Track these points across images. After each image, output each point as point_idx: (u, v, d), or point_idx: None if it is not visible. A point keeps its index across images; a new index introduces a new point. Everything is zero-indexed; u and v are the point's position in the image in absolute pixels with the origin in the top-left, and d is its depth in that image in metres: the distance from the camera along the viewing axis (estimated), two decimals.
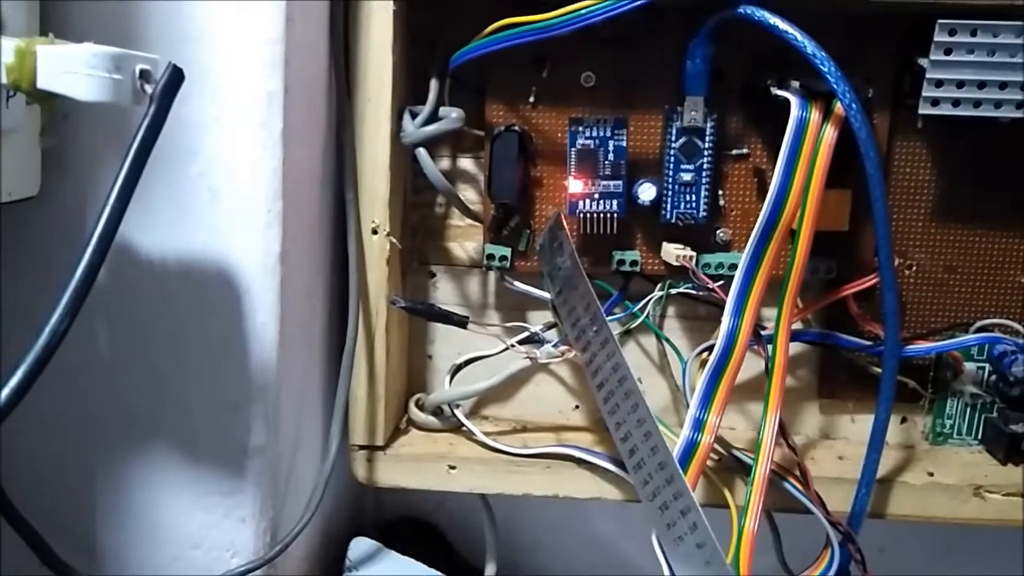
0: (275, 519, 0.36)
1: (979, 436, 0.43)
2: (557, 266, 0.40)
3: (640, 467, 0.35)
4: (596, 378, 0.37)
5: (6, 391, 0.22)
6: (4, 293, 0.33)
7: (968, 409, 0.43)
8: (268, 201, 0.33)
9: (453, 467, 0.42)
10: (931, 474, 0.41)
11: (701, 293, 0.41)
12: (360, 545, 0.43)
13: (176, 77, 0.26)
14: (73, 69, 0.25)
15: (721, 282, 0.40)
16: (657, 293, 0.42)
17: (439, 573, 0.43)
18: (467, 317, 0.42)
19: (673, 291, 0.42)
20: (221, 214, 0.33)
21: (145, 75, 0.26)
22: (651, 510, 0.35)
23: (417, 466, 0.42)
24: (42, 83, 0.25)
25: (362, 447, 0.42)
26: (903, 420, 0.44)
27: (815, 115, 0.36)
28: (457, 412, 0.44)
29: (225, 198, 0.33)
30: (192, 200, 0.33)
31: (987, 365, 0.42)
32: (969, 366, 0.42)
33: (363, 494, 0.50)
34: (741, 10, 0.35)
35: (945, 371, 0.43)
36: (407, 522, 0.51)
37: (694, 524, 0.33)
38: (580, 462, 0.41)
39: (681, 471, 0.34)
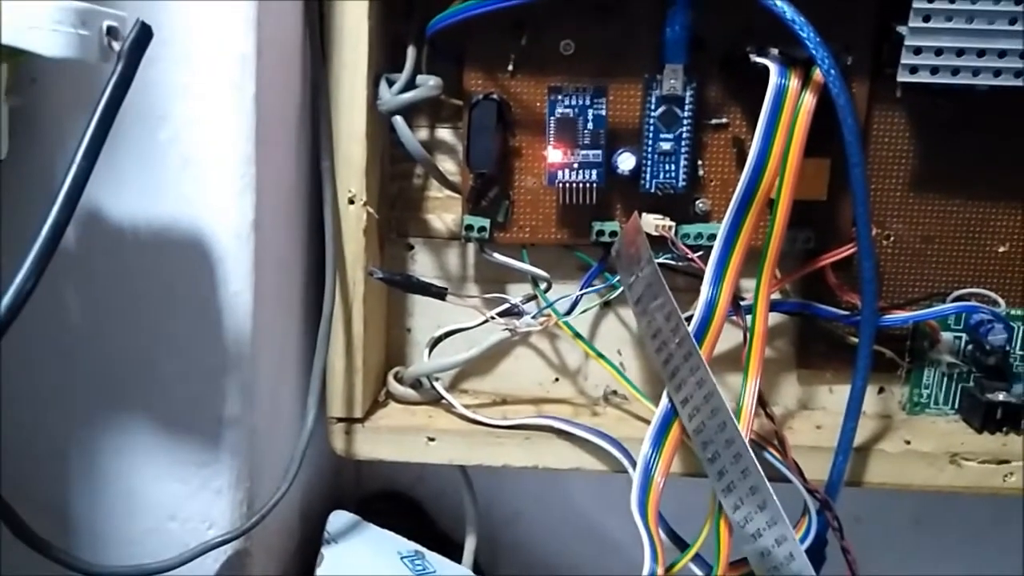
0: (252, 490, 0.36)
1: (956, 405, 0.44)
2: (634, 273, 0.39)
3: (730, 491, 0.34)
4: (680, 393, 0.35)
5: None
6: None
7: (945, 379, 0.43)
8: (241, 166, 0.33)
9: (432, 439, 0.42)
10: (908, 442, 0.42)
11: (680, 264, 0.41)
12: (339, 518, 0.43)
13: (144, 34, 0.26)
14: (38, 24, 0.24)
15: (700, 252, 0.40)
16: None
17: (419, 546, 0.43)
18: (446, 289, 0.41)
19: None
20: (193, 180, 0.33)
21: (112, 32, 0.26)
22: (738, 533, 0.34)
23: (396, 438, 0.42)
24: (6, 38, 0.24)
25: (340, 419, 0.41)
26: (880, 390, 0.44)
27: (794, 82, 0.35)
28: (436, 385, 0.43)
29: (197, 164, 0.32)
30: (163, 166, 0.32)
31: (964, 334, 0.43)
32: (946, 336, 0.43)
33: (342, 468, 0.50)
34: None
35: (922, 341, 0.43)
36: (386, 496, 0.51)
37: (787, 548, 0.33)
38: (560, 433, 0.41)
39: (775, 499, 0.33)
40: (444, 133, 0.43)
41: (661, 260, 0.41)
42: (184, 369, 0.34)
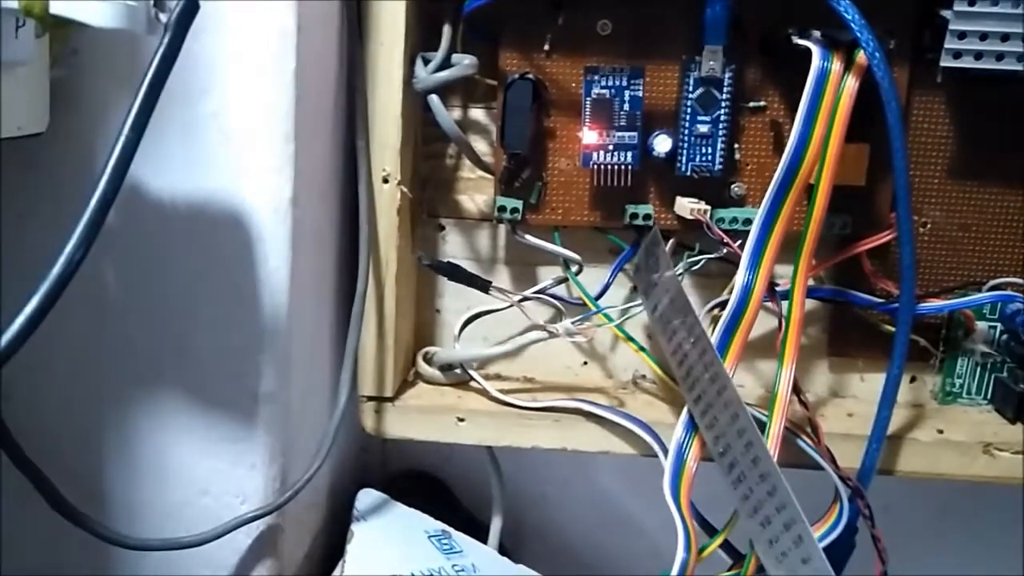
0: (284, 466, 0.36)
1: (989, 395, 0.43)
2: (653, 282, 0.39)
3: (740, 481, 0.34)
4: (693, 391, 0.36)
5: (20, 319, 0.21)
6: (9, 231, 0.33)
7: (978, 368, 0.43)
8: (280, 143, 0.33)
9: (462, 419, 0.42)
10: (940, 431, 0.41)
11: (720, 253, 0.40)
12: (368, 496, 0.43)
13: (191, 6, 0.25)
14: None
15: (740, 242, 0.39)
16: (679, 267, 0.41)
17: (445, 526, 0.43)
18: (489, 282, 0.41)
19: (695, 265, 0.41)
20: (232, 155, 0.33)
21: (159, 3, 0.26)
22: (751, 526, 0.34)
23: (425, 418, 0.42)
24: (55, 8, 0.24)
25: (371, 398, 0.41)
26: (913, 379, 0.44)
27: (837, 65, 0.35)
28: (471, 371, 0.43)
29: (237, 139, 0.32)
30: (203, 141, 0.32)
31: (999, 324, 0.42)
32: (981, 325, 0.42)
33: (369, 447, 0.50)
34: None
35: (957, 330, 0.43)
36: (413, 476, 0.51)
37: (799, 537, 0.32)
38: (590, 416, 0.41)
39: (785, 482, 0.33)
40: (477, 113, 0.43)
41: (705, 257, 0.41)
42: (220, 344, 0.34)
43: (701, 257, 0.41)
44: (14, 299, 0.23)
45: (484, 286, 0.41)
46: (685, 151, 0.40)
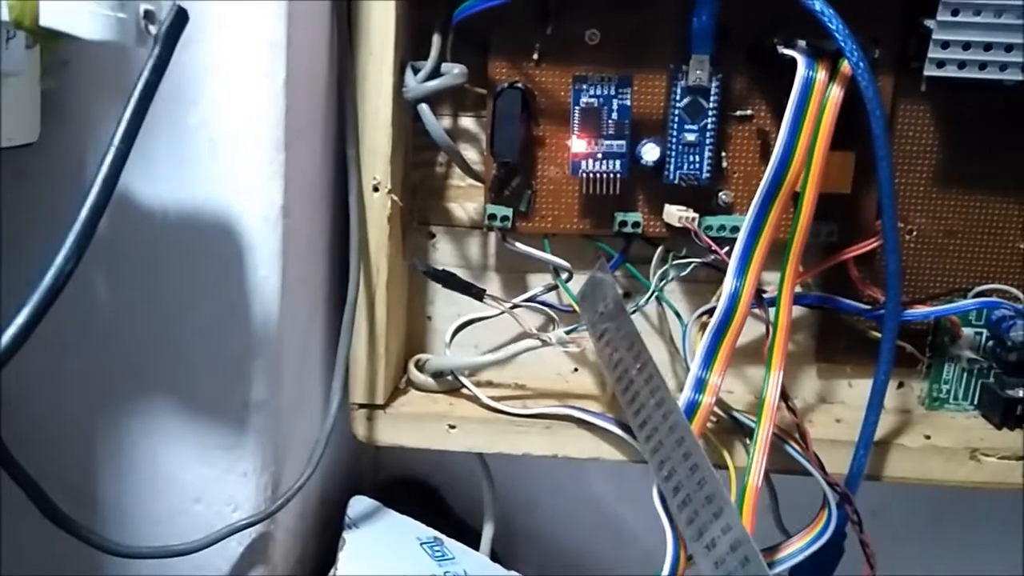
0: (276, 474, 0.36)
1: (975, 401, 0.44)
2: (599, 311, 0.39)
3: (686, 504, 0.34)
4: (639, 416, 0.36)
5: (12, 330, 0.22)
6: (3, 242, 0.33)
7: (965, 374, 0.43)
8: (271, 152, 0.33)
9: (453, 426, 0.42)
10: (928, 437, 0.42)
11: (708, 259, 0.41)
12: (359, 503, 0.43)
13: (180, 18, 0.26)
14: (77, 7, 0.24)
15: (727, 249, 0.39)
16: (664, 280, 0.42)
17: (437, 533, 0.43)
18: (483, 290, 0.41)
19: (683, 271, 0.41)
20: (222, 165, 0.33)
21: (149, 15, 0.26)
22: (697, 549, 0.33)
23: (417, 425, 0.42)
24: (45, 20, 0.25)
25: (362, 406, 0.42)
26: (900, 385, 0.44)
27: (821, 74, 0.35)
28: (462, 378, 0.43)
29: (226, 148, 0.33)
30: (193, 150, 0.33)
31: (985, 330, 0.42)
32: (967, 331, 0.43)
33: (361, 455, 0.50)
34: None
35: (943, 336, 0.43)
36: (405, 483, 0.51)
37: (745, 559, 0.31)
38: (580, 422, 0.41)
39: (732, 503, 0.32)
40: (467, 122, 0.43)
41: (693, 261, 0.41)
42: (211, 353, 0.34)
43: (690, 261, 0.41)
44: (7, 310, 0.23)
45: (479, 294, 0.41)
46: (673, 159, 0.40)
